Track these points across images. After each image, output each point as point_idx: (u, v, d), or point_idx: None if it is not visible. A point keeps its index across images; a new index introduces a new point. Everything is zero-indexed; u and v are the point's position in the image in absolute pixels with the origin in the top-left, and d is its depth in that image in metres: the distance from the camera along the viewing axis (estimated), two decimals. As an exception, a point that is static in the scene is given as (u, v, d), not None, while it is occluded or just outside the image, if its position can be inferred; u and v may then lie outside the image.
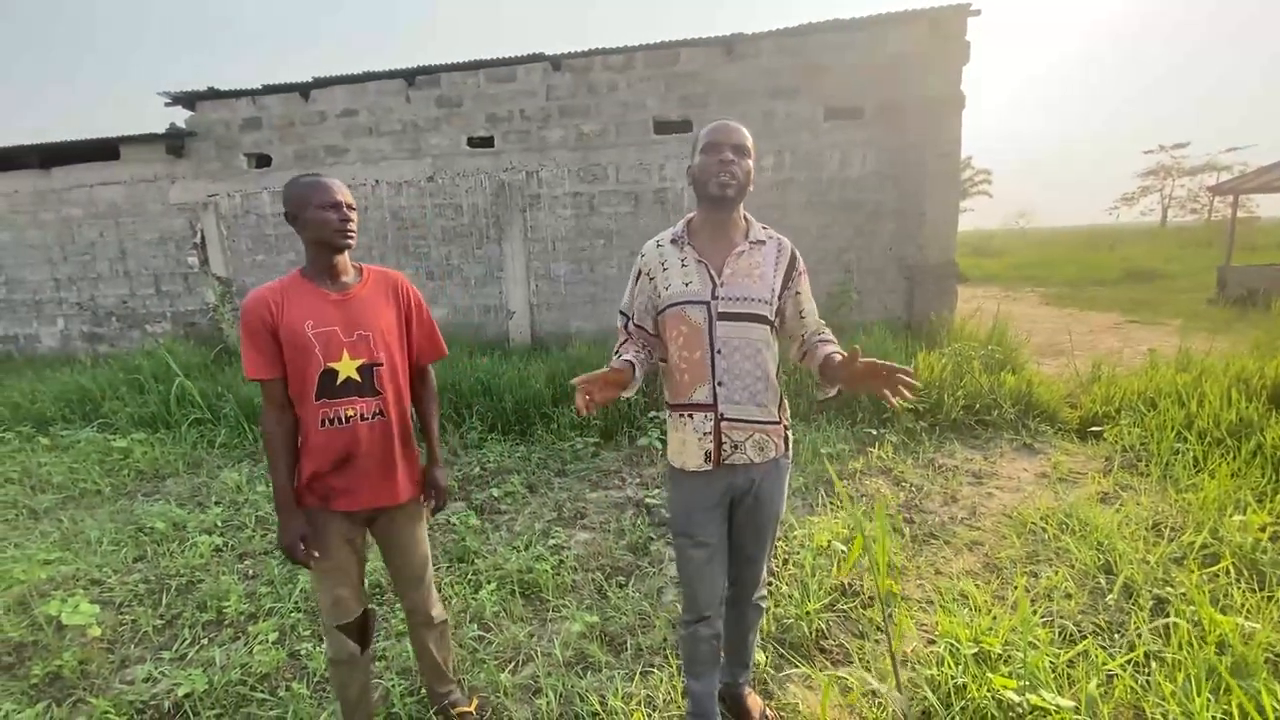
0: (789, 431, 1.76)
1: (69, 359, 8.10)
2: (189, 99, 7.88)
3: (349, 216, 1.67)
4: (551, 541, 3.29)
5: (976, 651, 2.12)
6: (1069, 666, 2.12)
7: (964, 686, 2.00)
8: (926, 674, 2.12)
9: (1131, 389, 4.83)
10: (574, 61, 7.28)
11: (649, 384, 5.22)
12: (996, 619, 2.36)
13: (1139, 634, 2.28)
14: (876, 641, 2.40)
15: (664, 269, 1.68)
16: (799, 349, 1.77)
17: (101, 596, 2.96)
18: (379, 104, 7.68)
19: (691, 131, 7.21)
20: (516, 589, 2.84)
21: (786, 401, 1.78)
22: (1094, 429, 4.56)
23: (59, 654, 2.49)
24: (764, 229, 1.72)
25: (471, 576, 2.97)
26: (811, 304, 1.76)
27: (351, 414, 1.68)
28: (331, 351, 1.65)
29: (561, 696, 2.17)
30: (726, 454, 1.66)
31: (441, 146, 7.67)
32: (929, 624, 2.48)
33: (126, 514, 3.88)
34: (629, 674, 2.28)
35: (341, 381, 1.66)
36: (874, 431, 4.69)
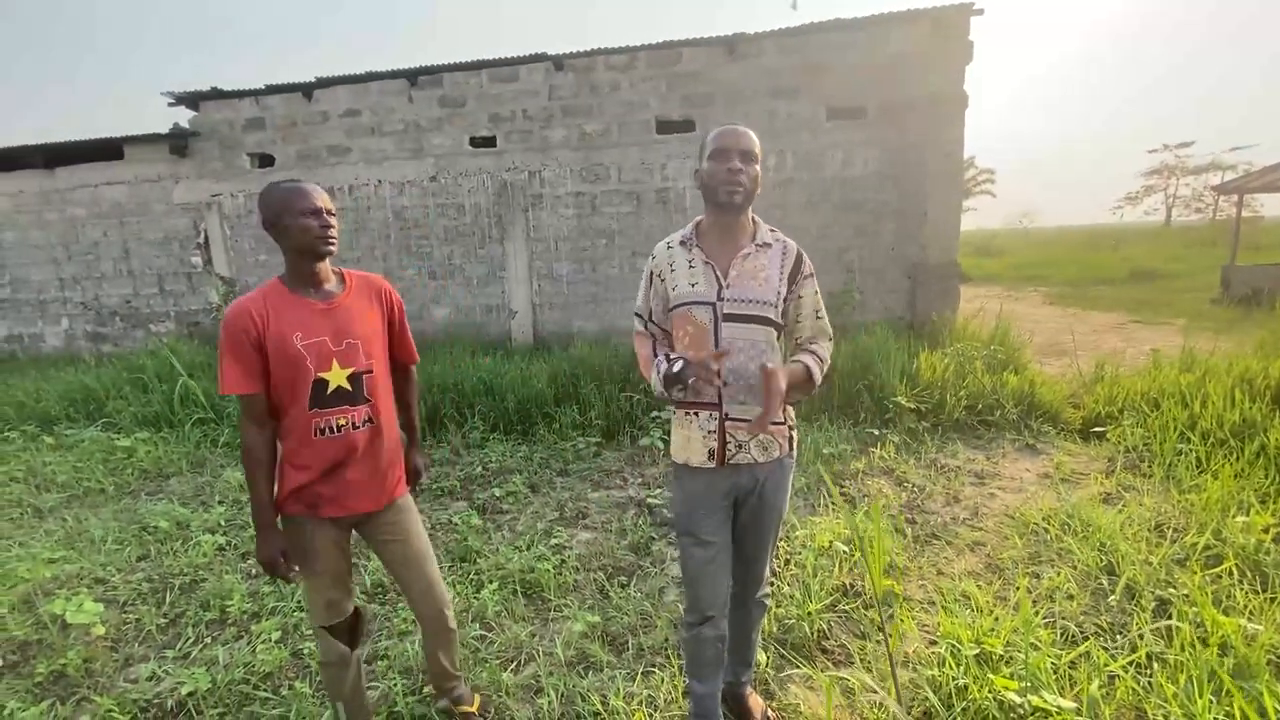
0: (793, 431, 1.77)
1: (73, 358, 8.13)
2: (192, 99, 7.90)
3: (330, 223, 1.63)
4: (553, 541, 3.30)
5: (978, 652, 2.12)
6: (1071, 668, 2.12)
7: (965, 687, 2.00)
8: (928, 675, 2.12)
9: (1134, 389, 4.82)
10: (576, 61, 7.29)
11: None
12: (998, 620, 2.36)
13: (1141, 635, 2.28)
14: (878, 642, 2.39)
15: (673, 270, 1.70)
16: (791, 353, 1.79)
17: (105, 595, 2.98)
18: (381, 104, 7.70)
19: (694, 131, 7.21)
20: (518, 588, 2.85)
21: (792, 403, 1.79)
22: (1097, 429, 4.55)
23: (63, 652, 2.50)
24: (771, 231, 1.73)
25: (473, 576, 2.98)
26: (812, 309, 1.75)
27: (343, 423, 1.66)
28: (322, 362, 1.63)
29: (563, 696, 2.18)
30: (731, 453, 1.67)
31: (444, 146, 7.68)
32: (931, 625, 2.48)
33: (130, 513, 3.89)
34: (630, 674, 2.28)
35: (332, 391, 1.65)
36: (876, 432, 4.69)
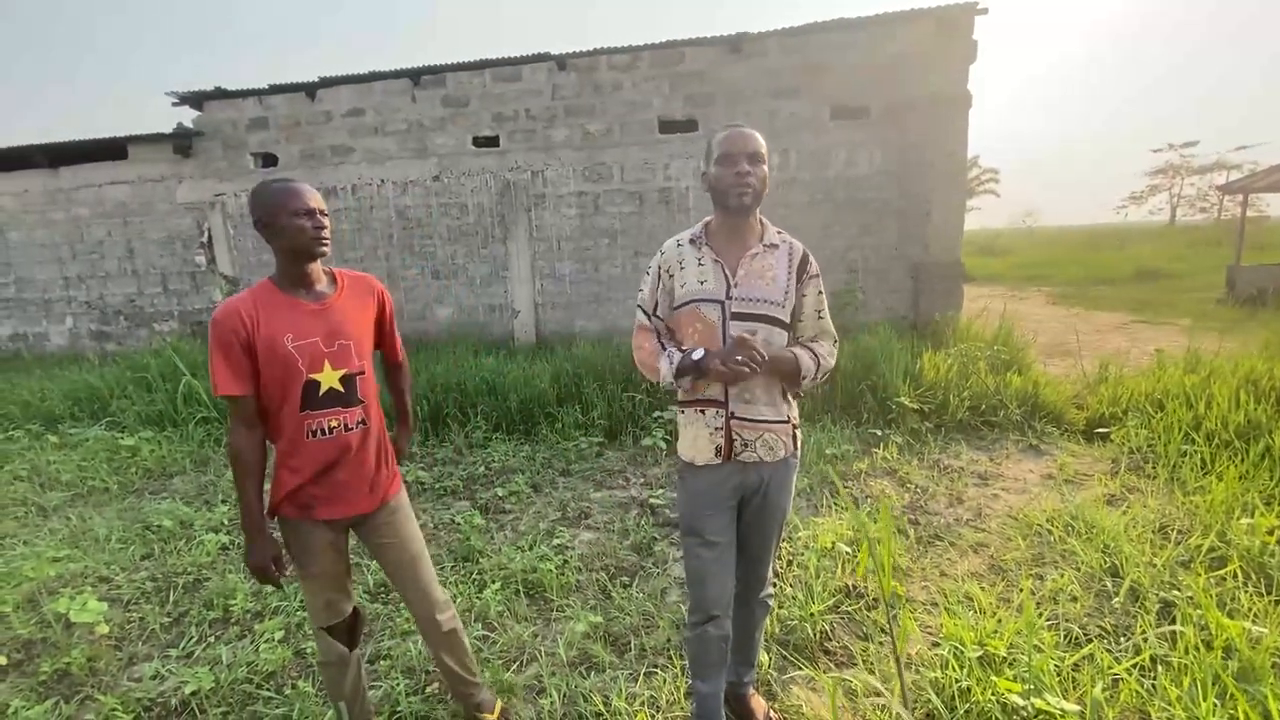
0: (798, 431, 1.78)
1: (77, 357, 8.16)
2: (196, 99, 7.92)
3: (323, 223, 1.61)
4: (556, 541, 3.30)
5: (981, 654, 2.12)
6: (1074, 670, 2.11)
7: (968, 690, 2.00)
8: (931, 677, 2.12)
9: (1138, 390, 4.81)
10: (579, 61, 7.29)
11: (654, 383, 5.22)
12: (1001, 622, 2.35)
13: (1145, 638, 2.27)
14: (881, 644, 2.39)
15: (682, 267, 1.71)
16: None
17: (109, 594, 2.98)
18: (385, 104, 7.70)
19: (697, 131, 7.21)
20: (521, 588, 2.85)
21: (795, 401, 1.79)
22: (1100, 430, 4.54)
23: (67, 651, 2.51)
24: (778, 233, 1.74)
25: (476, 576, 2.98)
26: (815, 309, 1.76)
27: (335, 425, 1.65)
28: (314, 363, 1.61)
29: (565, 697, 2.18)
30: (737, 451, 1.68)
31: (447, 146, 7.69)
32: (933, 626, 2.47)
33: (134, 512, 3.91)
34: (633, 674, 2.28)
35: (324, 393, 1.63)
36: (879, 432, 4.68)
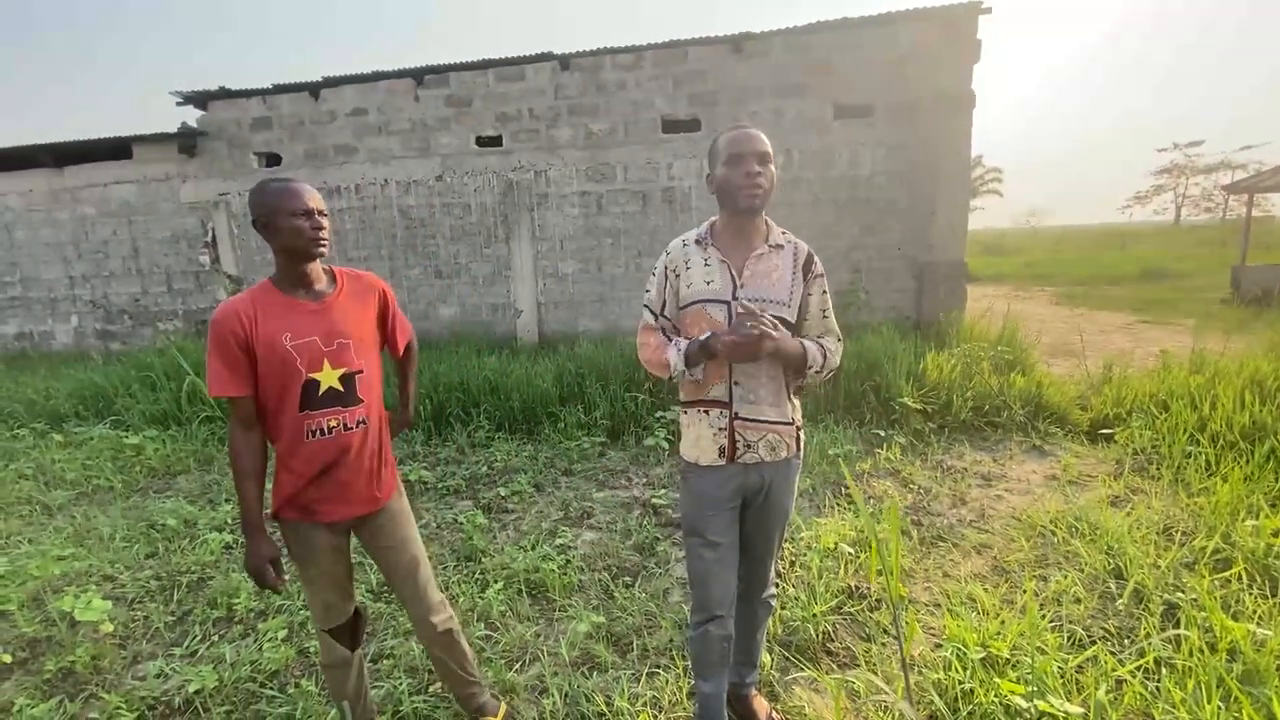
0: (801, 432, 1.78)
1: (82, 356, 8.20)
2: (200, 99, 7.94)
3: (321, 224, 1.60)
4: (558, 541, 3.30)
5: (984, 656, 2.11)
6: (1078, 672, 2.11)
7: (971, 691, 1.99)
8: (933, 678, 2.11)
9: (1143, 390, 4.79)
10: (583, 60, 7.29)
11: (657, 383, 5.23)
12: (1005, 623, 2.35)
13: (1149, 640, 2.26)
14: (883, 645, 2.39)
15: (688, 267, 1.71)
16: None
17: (114, 592, 3.00)
18: (388, 103, 7.72)
19: (700, 131, 7.20)
20: (523, 588, 2.85)
21: (799, 402, 1.79)
22: (1104, 431, 4.52)
23: (72, 649, 2.52)
24: (783, 234, 1.75)
25: (479, 575, 2.99)
26: (820, 308, 1.76)
27: (334, 424, 1.64)
28: (313, 362, 1.60)
29: (568, 697, 2.18)
30: (740, 452, 1.68)
31: (450, 145, 7.70)
32: (936, 627, 2.47)
33: (138, 510, 3.92)
34: (635, 675, 2.28)
35: (324, 392, 1.62)
36: (882, 433, 4.67)
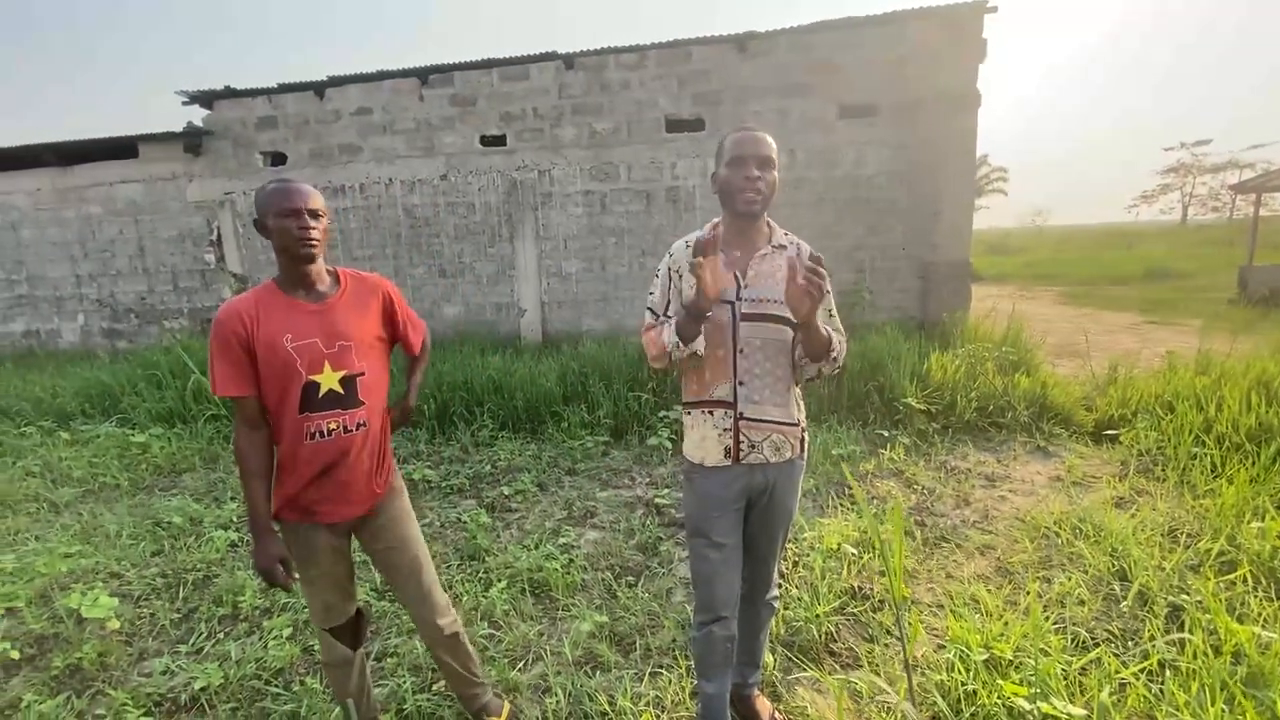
0: (805, 433, 1.78)
1: (89, 354, 8.24)
2: (206, 98, 7.97)
3: (309, 224, 1.57)
4: (561, 540, 3.31)
5: (987, 657, 2.11)
6: (1081, 674, 2.10)
7: (974, 693, 1.99)
8: (936, 679, 2.11)
9: (1149, 391, 4.77)
10: (587, 60, 7.29)
11: (660, 382, 5.23)
12: (1008, 624, 2.34)
13: (1153, 642, 2.26)
14: (886, 645, 2.39)
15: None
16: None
17: (120, 590, 3.02)
18: (393, 103, 7.73)
19: (704, 130, 7.20)
20: (527, 587, 2.86)
21: (804, 403, 1.79)
22: (1109, 432, 4.51)
23: (79, 646, 2.54)
24: (786, 234, 1.74)
25: (482, 574, 3.00)
26: (825, 309, 1.73)
27: (334, 427, 1.63)
28: (313, 364, 1.59)
29: (571, 696, 2.18)
30: (745, 452, 1.68)
31: (455, 145, 7.71)
32: (939, 629, 2.47)
33: (144, 508, 3.94)
34: (638, 674, 2.28)
35: (323, 394, 1.61)
36: (885, 433, 4.67)
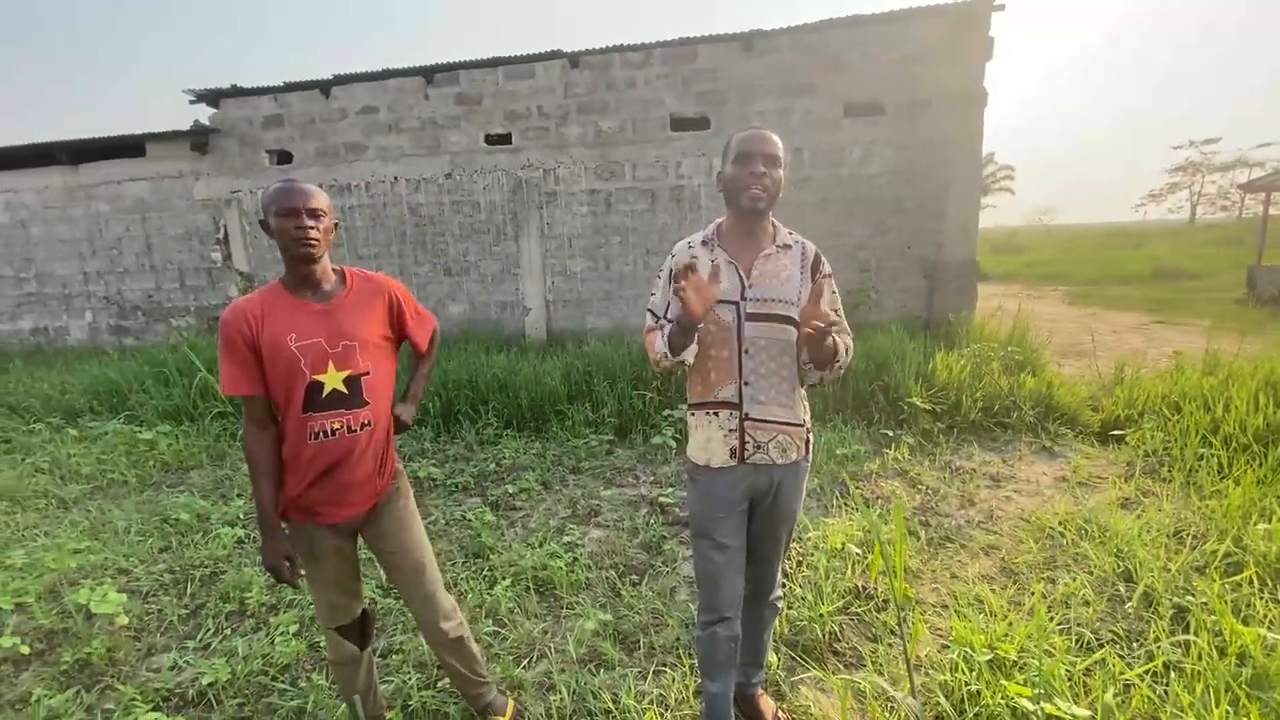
0: (810, 434, 1.77)
1: (96, 351, 8.29)
2: (212, 96, 8.01)
3: (306, 225, 1.56)
4: (566, 538, 3.32)
5: (991, 658, 2.10)
6: (1086, 675, 2.10)
7: (978, 693, 1.99)
8: (940, 679, 2.11)
9: (1155, 392, 4.75)
10: (592, 58, 7.29)
11: (665, 381, 5.23)
12: (1012, 625, 2.34)
13: (1158, 643, 2.25)
14: (890, 645, 2.39)
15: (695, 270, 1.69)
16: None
17: (128, 586, 3.04)
18: (399, 101, 7.75)
19: (709, 129, 7.19)
20: (531, 585, 2.87)
21: (808, 404, 1.79)
22: (1116, 432, 4.49)
23: (88, 641, 2.56)
24: (790, 234, 1.74)
25: (487, 572, 3.01)
26: (831, 308, 1.74)
27: (338, 427, 1.63)
28: (317, 364, 1.59)
29: (575, 693, 2.19)
30: (750, 453, 1.68)
31: (460, 143, 7.72)
32: (943, 629, 2.47)
33: (152, 505, 3.97)
34: (642, 673, 2.29)
35: (328, 394, 1.61)
36: (890, 433, 4.66)
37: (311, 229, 1.58)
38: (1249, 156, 37.14)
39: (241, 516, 3.74)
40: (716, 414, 1.69)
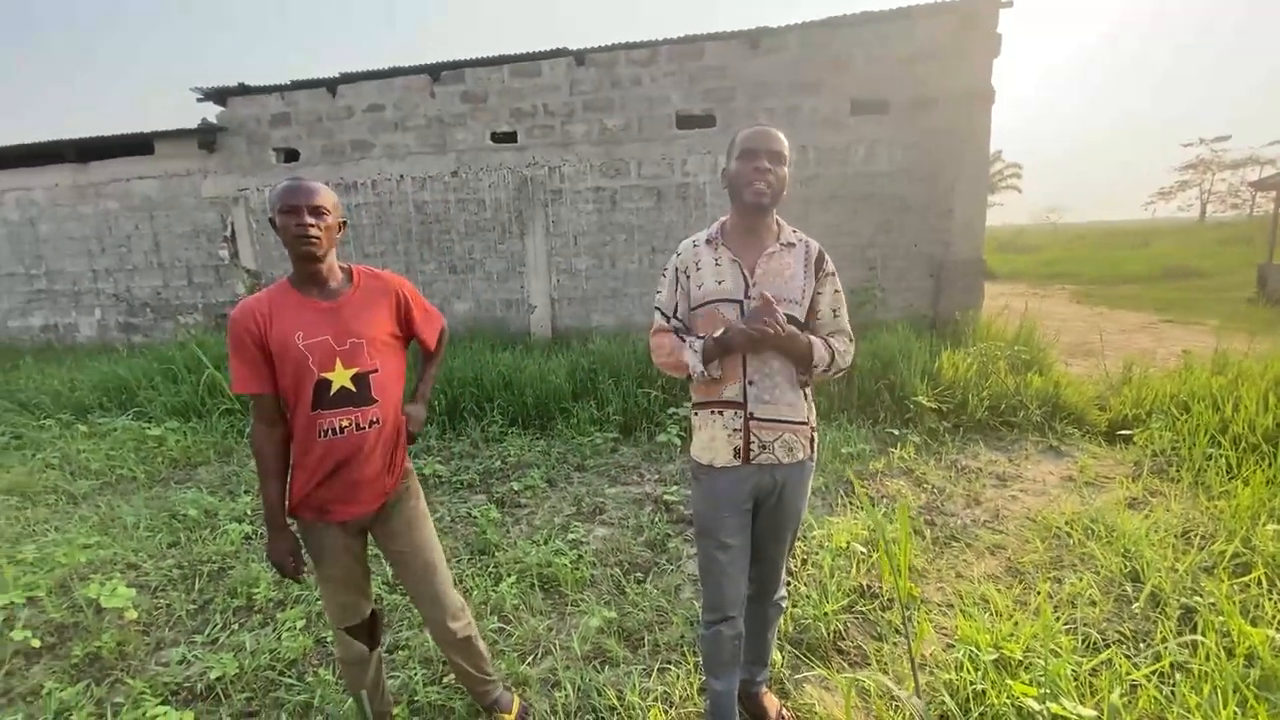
0: (815, 434, 1.77)
1: (105, 348, 8.36)
2: (220, 95, 8.04)
3: (307, 223, 1.56)
4: (570, 536, 3.33)
5: (996, 657, 2.10)
6: (1092, 675, 2.09)
7: (983, 693, 1.99)
8: (945, 679, 2.11)
9: (1164, 391, 4.72)
10: (598, 56, 7.28)
11: (669, 379, 5.23)
12: (1018, 625, 2.34)
13: (1165, 644, 2.24)
14: (895, 644, 2.39)
15: (698, 268, 1.70)
16: None
17: (138, 580, 3.07)
18: (405, 99, 7.76)
19: (715, 126, 7.18)
20: (536, 582, 2.88)
21: (814, 403, 1.78)
22: (1123, 432, 4.46)
23: (98, 635, 2.59)
24: (794, 232, 1.74)
25: (492, 569, 3.02)
26: (830, 307, 1.74)
27: (346, 424, 1.63)
28: (325, 362, 1.60)
29: (580, 690, 2.20)
30: (755, 453, 1.67)
31: (466, 141, 7.73)
32: (948, 628, 2.46)
33: (161, 500, 4.00)
34: (646, 670, 2.30)
35: (335, 392, 1.61)
36: (896, 432, 4.65)
37: (313, 227, 1.57)
38: (1260, 154, 36.78)
39: (249, 512, 3.76)
40: (721, 413, 1.69)
